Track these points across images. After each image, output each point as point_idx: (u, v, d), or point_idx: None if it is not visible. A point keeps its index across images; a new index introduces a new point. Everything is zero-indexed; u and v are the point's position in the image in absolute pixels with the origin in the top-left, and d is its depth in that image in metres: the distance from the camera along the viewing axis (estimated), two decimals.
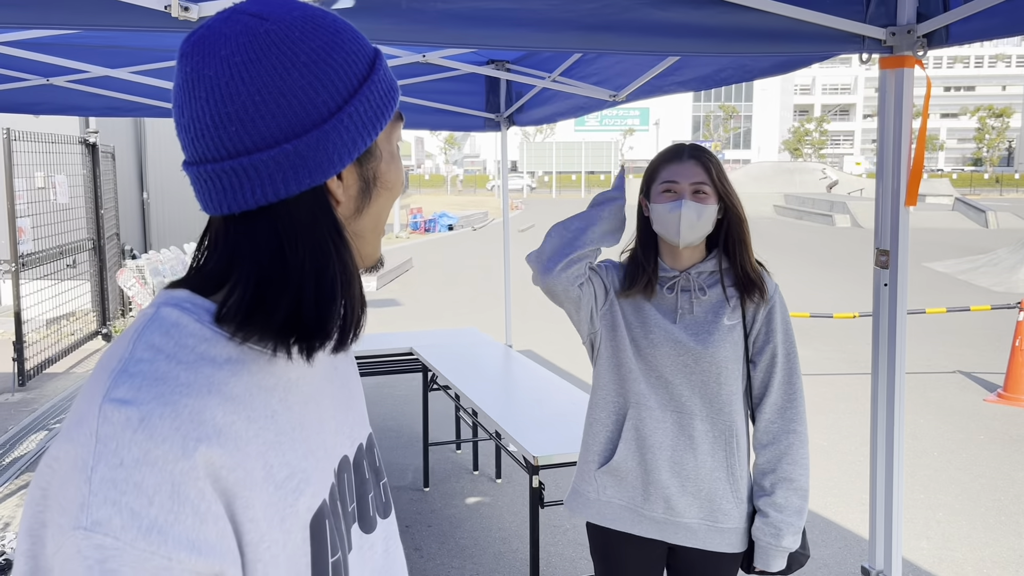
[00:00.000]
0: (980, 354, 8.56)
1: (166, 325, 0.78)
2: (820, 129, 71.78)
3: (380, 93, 0.83)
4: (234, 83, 0.77)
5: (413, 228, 25.06)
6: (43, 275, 8.21)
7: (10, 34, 3.20)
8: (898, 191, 2.15)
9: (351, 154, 0.81)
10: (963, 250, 19.02)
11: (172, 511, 0.68)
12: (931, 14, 2.04)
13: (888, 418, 2.22)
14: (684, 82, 3.07)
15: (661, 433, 1.96)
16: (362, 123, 0.81)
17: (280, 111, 0.77)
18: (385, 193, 0.87)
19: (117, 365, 0.75)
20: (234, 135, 0.78)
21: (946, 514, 4.60)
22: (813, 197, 31.83)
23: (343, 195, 0.83)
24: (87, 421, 0.71)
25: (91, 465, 0.68)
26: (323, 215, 0.81)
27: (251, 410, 0.78)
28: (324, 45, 0.79)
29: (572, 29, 1.92)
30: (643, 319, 1.97)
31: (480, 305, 11.59)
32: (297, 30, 0.79)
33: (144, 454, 0.69)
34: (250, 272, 0.79)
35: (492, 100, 4.77)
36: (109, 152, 10.06)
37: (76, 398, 0.76)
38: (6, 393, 6.96)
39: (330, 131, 0.79)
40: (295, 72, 0.78)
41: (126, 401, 0.71)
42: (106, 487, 0.67)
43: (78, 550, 0.65)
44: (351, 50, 0.81)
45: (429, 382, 4.77)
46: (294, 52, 0.78)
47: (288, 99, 0.77)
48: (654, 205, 1.95)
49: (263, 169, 0.78)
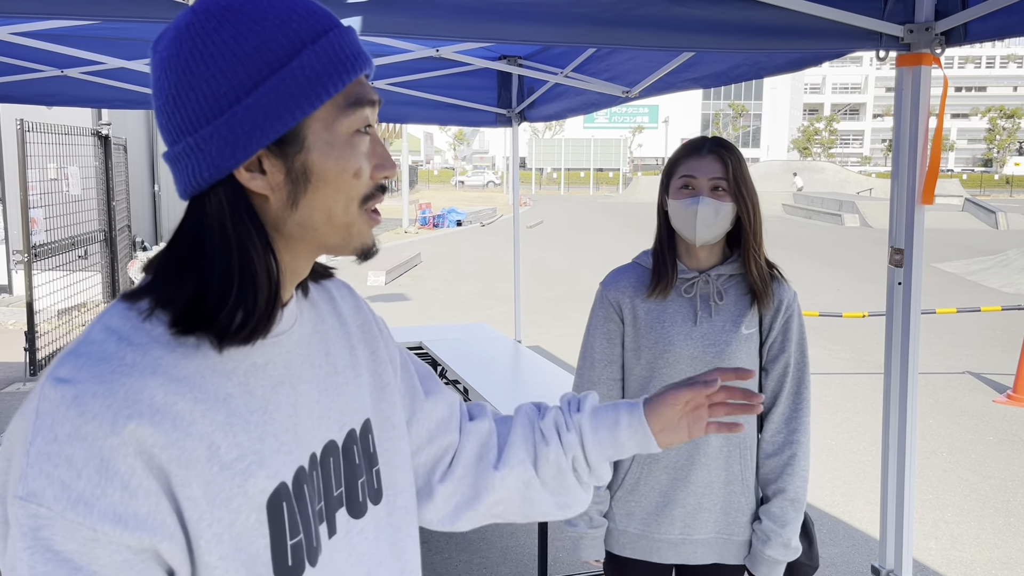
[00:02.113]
0: (990, 355, 8.52)
1: (126, 308, 0.81)
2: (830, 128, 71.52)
3: (299, 81, 0.79)
4: (160, 79, 0.81)
5: (422, 223, 25.08)
6: (55, 266, 8.25)
7: (25, 25, 3.21)
8: (913, 189, 2.14)
9: (249, 147, 0.79)
10: (973, 251, 18.94)
11: (99, 485, 0.71)
12: (949, 11, 2.02)
13: (900, 417, 2.22)
14: (698, 78, 3.06)
15: (675, 452, 1.90)
16: (263, 114, 0.79)
17: (188, 104, 0.79)
18: (325, 186, 0.83)
19: (71, 345, 0.78)
20: (164, 127, 0.82)
21: (955, 514, 4.59)
22: (822, 196, 31.73)
23: (264, 187, 0.81)
24: (33, 398, 0.75)
25: (30, 439, 0.72)
26: (232, 207, 0.81)
27: (199, 391, 0.79)
28: (235, 34, 0.78)
29: (587, 24, 1.91)
30: (661, 333, 1.89)
31: (489, 300, 11.59)
32: (213, 20, 0.78)
33: (75, 429, 0.71)
34: (165, 258, 0.82)
35: (504, 95, 4.77)
36: (121, 144, 10.10)
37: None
38: (17, 383, 7.00)
39: (223, 124, 0.78)
40: (201, 64, 0.78)
41: (64, 380, 0.74)
42: (41, 460, 0.71)
43: (16, 518, 0.71)
44: (268, 36, 0.78)
45: (439, 376, 4.77)
46: (203, 43, 0.78)
47: (195, 92, 0.78)
48: (672, 201, 1.87)
49: (180, 160, 0.81)
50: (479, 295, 12.14)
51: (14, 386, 6.91)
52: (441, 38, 1.87)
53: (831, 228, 26.32)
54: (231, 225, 0.80)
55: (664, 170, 1.94)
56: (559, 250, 18.70)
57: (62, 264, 8.42)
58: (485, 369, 4.16)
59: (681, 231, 1.88)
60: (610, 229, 24.72)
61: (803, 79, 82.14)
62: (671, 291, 1.90)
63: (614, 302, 1.95)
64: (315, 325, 0.97)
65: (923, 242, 2.16)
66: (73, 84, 4.16)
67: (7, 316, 9.40)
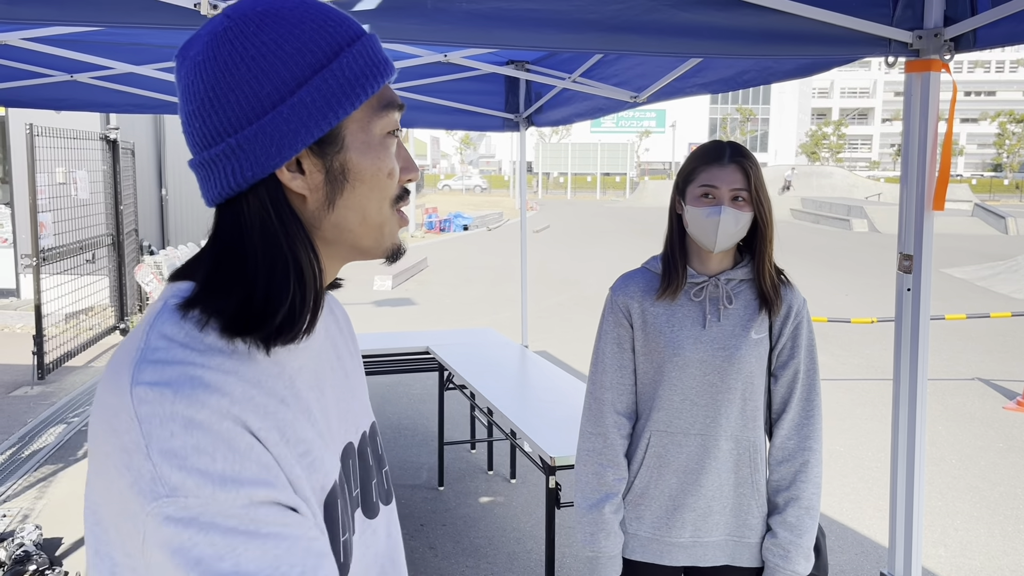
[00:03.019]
0: (999, 361, 8.48)
1: (178, 317, 0.80)
2: (838, 133, 71.36)
3: (340, 82, 0.82)
4: (196, 82, 0.81)
5: (428, 228, 25.11)
6: (63, 270, 8.28)
7: (36, 30, 3.23)
8: (923, 195, 2.13)
9: (294, 145, 0.81)
10: (982, 256, 18.86)
11: (235, 462, 0.73)
12: (958, 18, 2.02)
13: (909, 423, 2.21)
14: (706, 84, 3.06)
15: (686, 456, 1.89)
16: (308, 113, 0.81)
17: (228, 106, 0.80)
18: (361, 186, 0.85)
19: (136, 355, 0.77)
20: (199, 131, 0.82)
21: (964, 522, 4.56)
22: (831, 201, 31.65)
23: (303, 187, 0.83)
24: (123, 410, 0.73)
25: (144, 444, 0.71)
26: (275, 207, 0.82)
27: (265, 391, 0.80)
28: (276, 38, 0.80)
29: (596, 30, 1.92)
30: (671, 336, 1.88)
31: (495, 305, 11.59)
32: (252, 25, 0.80)
33: (188, 421, 0.72)
34: (209, 265, 0.83)
35: (511, 100, 4.78)
36: (129, 148, 10.14)
37: (96, 398, 0.78)
38: (25, 386, 7.03)
39: (268, 123, 0.80)
40: (243, 66, 0.79)
41: (155, 382, 0.74)
42: (168, 458, 0.71)
43: (166, 517, 0.70)
44: (307, 39, 0.81)
45: (445, 381, 4.77)
46: (244, 47, 0.79)
47: (236, 93, 0.79)
48: (690, 208, 1.85)
49: (217, 164, 0.81)
50: (486, 300, 12.14)
51: (22, 389, 6.93)
52: (451, 44, 1.87)
53: (839, 233, 26.25)
54: (276, 223, 0.82)
55: (681, 174, 1.91)
56: (566, 255, 18.69)
57: (70, 268, 8.45)
58: (492, 374, 4.16)
59: (699, 238, 1.86)
60: (617, 233, 24.70)
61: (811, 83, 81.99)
62: (680, 294, 1.89)
63: (623, 307, 1.94)
64: (327, 331, 0.99)
65: (932, 248, 2.16)
66: (82, 89, 4.18)
67: (15, 320, 9.44)
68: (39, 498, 4.68)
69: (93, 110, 4.38)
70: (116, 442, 0.73)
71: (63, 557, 3.97)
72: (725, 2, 1.95)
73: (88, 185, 9.14)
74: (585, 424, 1.96)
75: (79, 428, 5.93)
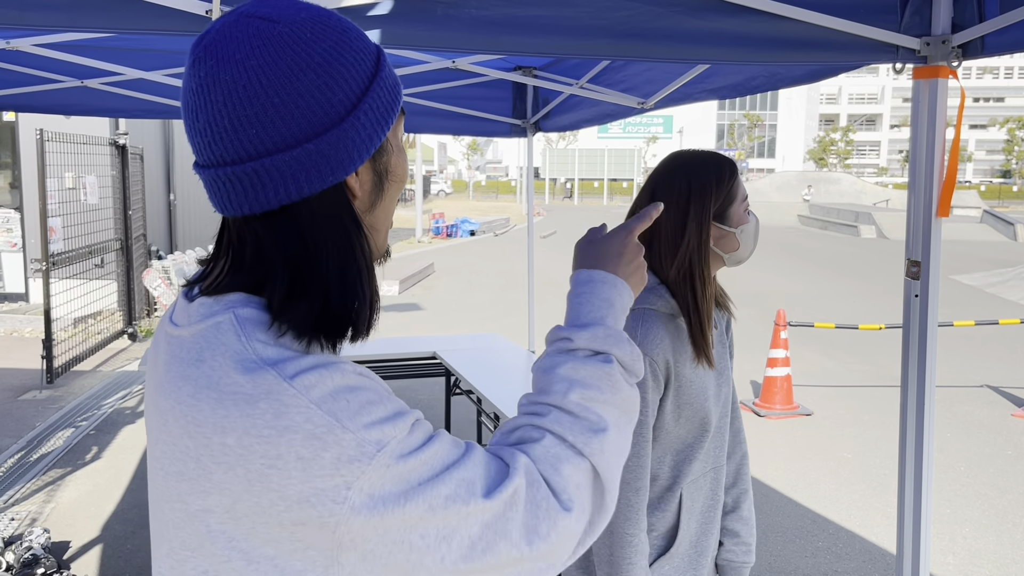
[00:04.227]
0: (1008, 368, 8.45)
1: (255, 322, 0.82)
2: (846, 139, 71.23)
3: (388, 89, 0.86)
4: (251, 86, 0.79)
5: (435, 233, 25.13)
6: (72, 274, 8.31)
7: (46, 36, 3.25)
8: (930, 202, 2.13)
9: (368, 150, 0.84)
10: (991, 263, 18.79)
11: (392, 400, 0.81)
12: (966, 24, 2.02)
13: (917, 431, 2.20)
14: (714, 90, 3.06)
15: (704, 496, 1.75)
16: (376, 119, 0.84)
17: (299, 112, 0.80)
18: (394, 186, 0.90)
19: (255, 363, 0.78)
20: (253, 137, 0.80)
21: (972, 529, 4.54)
22: (838, 207, 31.58)
23: (359, 190, 0.86)
24: (288, 408, 0.76)
25: (334, 421, 0.76)
26: (344, 211, 0.84)
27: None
28: (334, 45, 0.82)
29: (605, 37, 1.92)
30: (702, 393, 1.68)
31: (502, 310, 11.59)
32: (308, 31, 0.81)
33: (349, 387, 0.78)
34: (282, 273, 0.82)
35: (519, 106, 4.78)
36: (138, 153, 10.18)
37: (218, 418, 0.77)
38: (34, 390, 7.05)
39: (348, 129, 0.82)
40: (310, 73, 0.80)
41: (304, 371, 0.77)
42: (357, 421, 0.76)
43: (387, 465, 0.76)
44: (358, 48, 0.84)
45: (452, 386, 4.78)
46: (307, 53, 0.80)
47: (306, 99, 0.80)
48: (742, 227, 1.67)
49: (285, 170, 0.80)
50: (492, 305, 12.14)
51: (30, 393, 6.96)
52: (460, 51, 1.88)
53: (847, 239, 26.18)
54: (348, 229, 0.84)
55: (722, 198, 1.66)
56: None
57: (79, 272, 8.48)
58: (499, 379, 4.16)
59: (740, 255, 1.70)
60: None
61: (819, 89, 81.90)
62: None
63: (662, 366, 1.62)
64: None
65: (940, 254, 2.15)
66: (92, 95, 4.20)
67: (24, 324, 9.48)
68: (47, 502, 4.70)
69: (103, 115, 4.41)
70: (295, 437, 0.75)
71: (71, 561, 3.98)
72: (733, 9, 1.95)
73: (97, 190, 9.18)
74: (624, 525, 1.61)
75: (87, 432, 5.95)
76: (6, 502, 4.68)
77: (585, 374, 0.95)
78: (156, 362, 0.90)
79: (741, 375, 7.82)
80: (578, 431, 0.90)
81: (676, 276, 1.64)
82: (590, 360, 0.96)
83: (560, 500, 0.86)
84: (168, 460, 0.82)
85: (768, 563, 4.11)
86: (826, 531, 4.49)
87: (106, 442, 5.75)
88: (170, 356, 0.85)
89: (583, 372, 0.95)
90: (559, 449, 0.88)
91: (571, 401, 0.92)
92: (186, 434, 0.79)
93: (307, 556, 0.77)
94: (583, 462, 0.89)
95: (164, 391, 0.84)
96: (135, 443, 5.72)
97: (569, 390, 0.93)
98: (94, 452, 5.54)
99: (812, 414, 6.71)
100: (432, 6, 1.79)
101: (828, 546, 4.31)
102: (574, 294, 1.04)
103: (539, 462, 0.87)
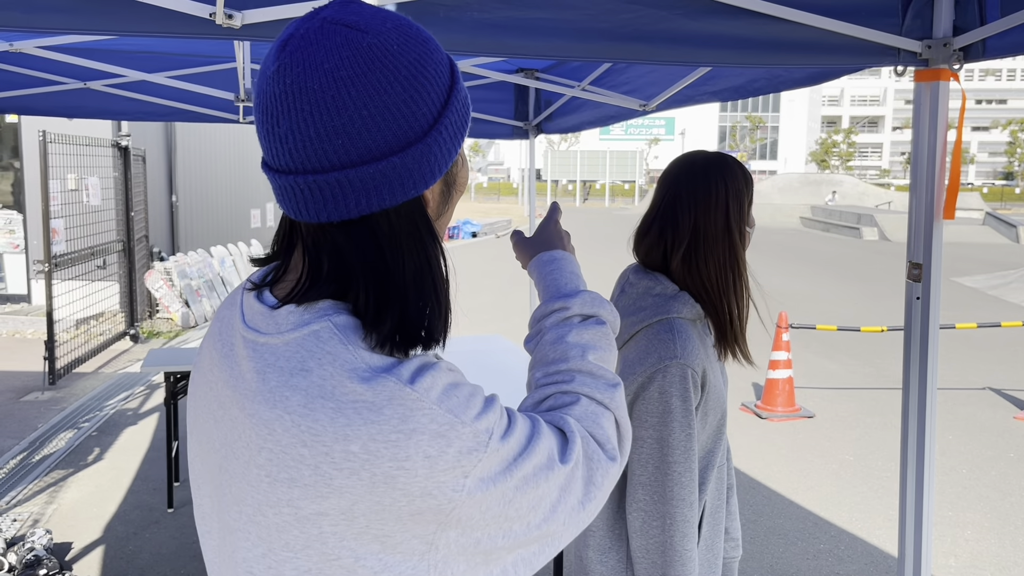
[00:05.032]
0: (1011, 371, 8.44)
1: (353, 330, 0.84)
2: (848, 141, 71.19)
3: (462, 101, 0.87)
4: (340, 97, 0.79)
5: None
6: (74, 276, 8.32)
7: (50, 39, 3.26)
8: (932, 204, 2.13)
9: (448, 162, 0.85)
10: (993, 265, 18.77)
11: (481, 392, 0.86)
12: (967, 27, 2.02)
13: (919, 433, 2.20)
14: (716, 92, 3.06)
15: (712, 498, 1.71)
16: (454, 132, 0.85)
17: (386, 124, 0.80)
18: (458, 195, 0.92)
19: (369, 371, 0.81)
20: (340, 148, 0.80)
21: (975, 532, 4.54)
22: (840, 209, 31.57)
23: (432, 200, 0.87)
24: (413, 412, 0.79)
25: (455, 418, 0.81)
26: (422, 222, 0.85)
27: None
28: (418, 57, 0.82)
29: (607, 39, 1.92)
30: (721, 392, 1.67)
31: (504, 312, 11.60)
32: (395, 43, 0.81)
33: (452, 384, 0.83)
34: (367, 283, 0.83)
35: (521, 108, 4.79)
36: (140, 155, 10.20)
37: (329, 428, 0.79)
38: (36, 392, 7.06)
39: (431, 143, 0.83)
40: (397, 86, 0.80)
41: (415, 375, 0.81)
42: (468, 414, 0.82)
43: (496, 450, 0.82)
44: (438, 60, 0.85)
45: None
46: (395, 65, 0.80)
47: (392, 112, 0.80)
48: (749, 229, 1.72)
49: (369, 181, 0.81)
50: (495, 307, 12.15)
51: (32, 395, 6.97)
52: (462, 53, 1.88)
53: (849, 241, 26.17)
54: (426, 240, 0.86)
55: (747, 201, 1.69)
56: None
57: (81, 274, 8.50)
58: (501, 381, 4.17)
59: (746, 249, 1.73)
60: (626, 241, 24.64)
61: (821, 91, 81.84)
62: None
63: (699, 372, 1.59)
64: None
65: (941, 256, 2.15)
66: (95, 96, 4.21)
67: (26, 325, 9.49)
68: (49, 503, 4.70)
69: (106, 118, 4.41)
70: (421, 438, 0.79)
71: (73, 562, 3.98)
72: (735, 12, 1.96)
73: (99, 191, 9.20)
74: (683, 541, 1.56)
75: (89, 433, 5.96)
76: (8, 503, 4.68)
77: (589, 337, 1.05)
78: (236, 366, 0.89)
79: (743, 377, 7.81)
80: (602, 388, 1.00)
81: (718, 274, 1.64)
82: (588, 324, 1.07)
83: (606, 451, 0.96)
84: (276, 467, 0.82)
85: (770, 565, 4.10)
86: (828, 533, 4.49)
87: (108, 443, 5.75)
88: (263, 364, 0.84)
89: (587, 336, 1.05)
90: (593, 407, 0.98)
91: (590, 363, 1.01)
92: (300, 443, 0.80)
93: (410, 546, 0.81)
94: (610, 415, 1.00)
95: (264, 400, 0.83)
96: (137, 444, 5.73)
97: (584, 353, 1.02)
98: (96, 453, 5.54)
99: (814, 416, 6.71)
100: (434, 8, 1.79)
101: (830, 548, 4.31)
102: (546, 272, 1.15)
103: (583, 420, 0.96)
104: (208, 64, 3.99)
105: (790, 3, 1.97)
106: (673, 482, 1.54)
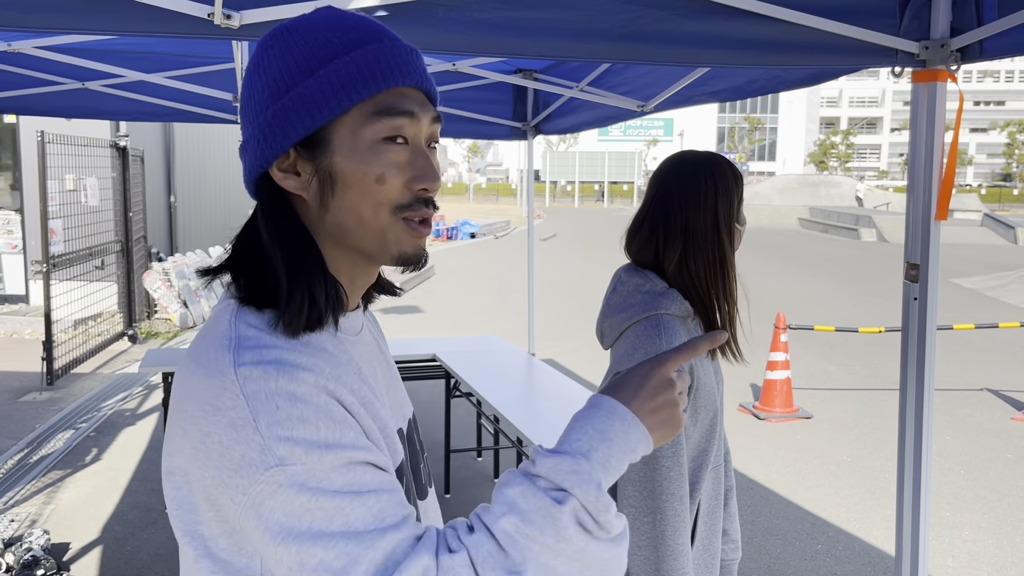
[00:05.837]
0: (1008, 372, 8.45)
1: (253, 310, 0.87)
2: (847, 142, 71.23)
3: (322, 88, 0.86)
4: (248, 80, 0.91)
5: (435, 235, 25.14)
6: (72, 276, 8.31)
7: (48, 39, 3.26)
8: (929, 205, 2.13)
9: (277, 143, 0.87)
10: (991, 266, 18.79)
11: (336, 430, 0.79)
12: (965, 28, 2.02)
13: (916, 434, 2.20)
14: (715, 92, 3.07)
15: (708, 498, 1.71)
16: (287, 116, 0.87)
17: (246, 107, 0.90)
18: (349, 190, 0.87)
19: (229, 342, 0.82)
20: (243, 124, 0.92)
21: (972, 533, 4.54)
22: (839, 211, 31.59)
23: (296, 187, 0.89)
24: (227, 389, 0.78)
25: (252, 419, 0.77)
26: (271, 204, 0.89)
27: (350, 372, 0.87)
28: (284, 49, 0.88)
29: (606, 40, 1.92)
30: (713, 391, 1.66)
31: (502, 313, 11.60)
32: (273, 38, 0.89)
33: (292, 395, 0.78)
34: (239, 256, 0.91)
35: (519, 109, 4.79)
36: (138, 156, 10.19)
37: (184, 385, 0.83)
38: (34, 392, 7.06)
39: (264, 123, 0.88)
40: (256, 74, 0.89)
41: (256, 362, 0.80)
42: (275, 429, 0.76)
43: (279, 484, 0.75)
44: (307, 49, 0.87)
45: (452, 389, 4.78)
46: (262, 58, 0.89)
47: (251, 98, 0.91)
48: (740, 225, 1.72)
49: (241, 156, 0.92)
50: (493, 307, 12.14)
51: (30, 395, 6.96)
52: (461, 53, 1.88)
53: (848, 243, 26.19)
54: (276, 221, 0.88)
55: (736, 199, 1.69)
56: (573, 263, 18.69)
57: (79, 274, 8.49)
58: (498, 382, 4.17)
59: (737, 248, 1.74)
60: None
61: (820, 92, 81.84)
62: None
63: (688, 370, 1.60)
64: (371, 332, 1.05)
65: (939, 257, 2.15)
66: (93, 97, 4.21)
67: (24, 326, 9.48)
68: (47, 503, 4.70)
69: (103, 118, 4.41)
70: (221, 419, 0.78)
71: (70, 562, 3.98)
72: (734, 13, 1.96)
73: (98, 192, 9.19)
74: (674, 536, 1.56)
75: (87, 434, 5.95)
76: (6, 503, 4.68)
77: (529, 506, 0.81)
78: None
79: (741, 378, 7.82)
80: (491, 566, 0.78)
81: (707, 271, 1.65)
82: (545, 493, 0.82)
83: None
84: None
85: (767, 566, 4.11)
86: (825, 534, 4.49)
87: (106, 444, 5.75)
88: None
89: (529, 503, 0.81)
90: (465, 572, 0.78)
91: (500, 528, 0.80)
92: (172, 398, 0.86)
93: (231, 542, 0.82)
94: None
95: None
96: (135, 445, 5.73)
97: (504, 516, 0.81)
98: (94, 454, 5.54)
99: (812, 417, 6.71)
100: (433, 9, 1.80)
101: (827, 549, 4.31)
102: (574, 418, 0.90)
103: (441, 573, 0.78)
104: (206, 64, 3.99)
105: (788, 4, 1.97)
106: (661, 477, 1.54)
